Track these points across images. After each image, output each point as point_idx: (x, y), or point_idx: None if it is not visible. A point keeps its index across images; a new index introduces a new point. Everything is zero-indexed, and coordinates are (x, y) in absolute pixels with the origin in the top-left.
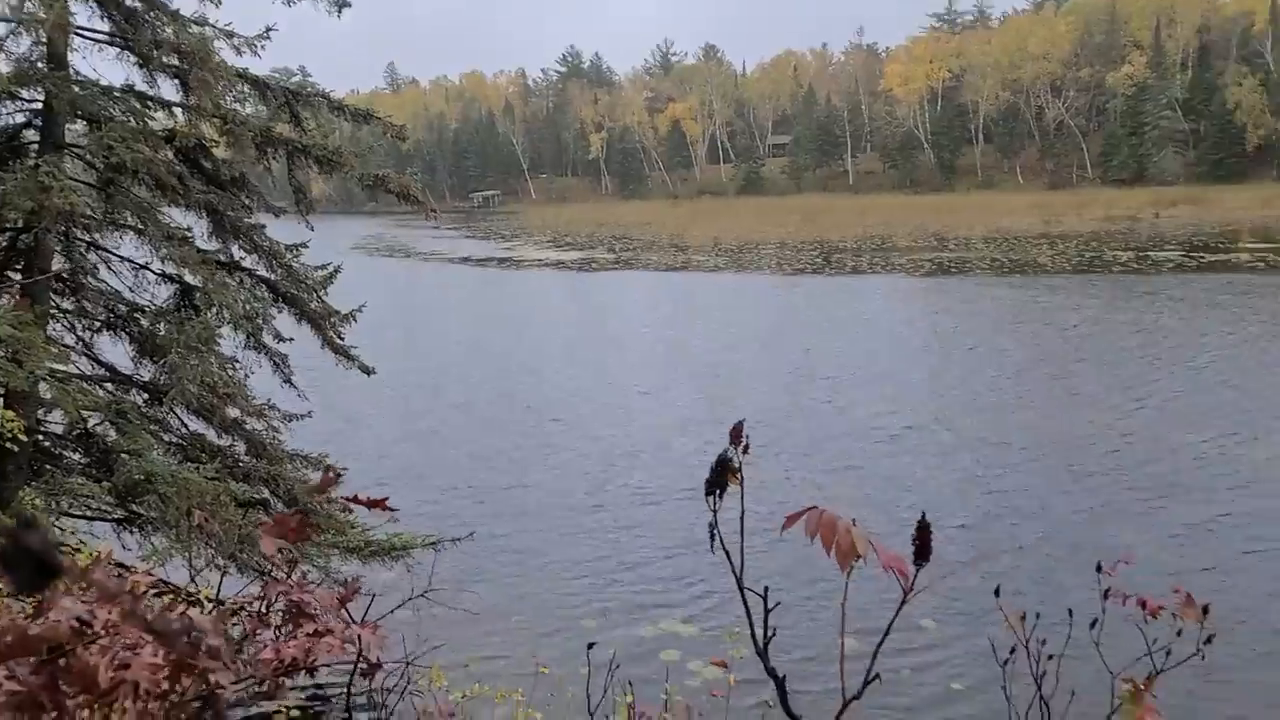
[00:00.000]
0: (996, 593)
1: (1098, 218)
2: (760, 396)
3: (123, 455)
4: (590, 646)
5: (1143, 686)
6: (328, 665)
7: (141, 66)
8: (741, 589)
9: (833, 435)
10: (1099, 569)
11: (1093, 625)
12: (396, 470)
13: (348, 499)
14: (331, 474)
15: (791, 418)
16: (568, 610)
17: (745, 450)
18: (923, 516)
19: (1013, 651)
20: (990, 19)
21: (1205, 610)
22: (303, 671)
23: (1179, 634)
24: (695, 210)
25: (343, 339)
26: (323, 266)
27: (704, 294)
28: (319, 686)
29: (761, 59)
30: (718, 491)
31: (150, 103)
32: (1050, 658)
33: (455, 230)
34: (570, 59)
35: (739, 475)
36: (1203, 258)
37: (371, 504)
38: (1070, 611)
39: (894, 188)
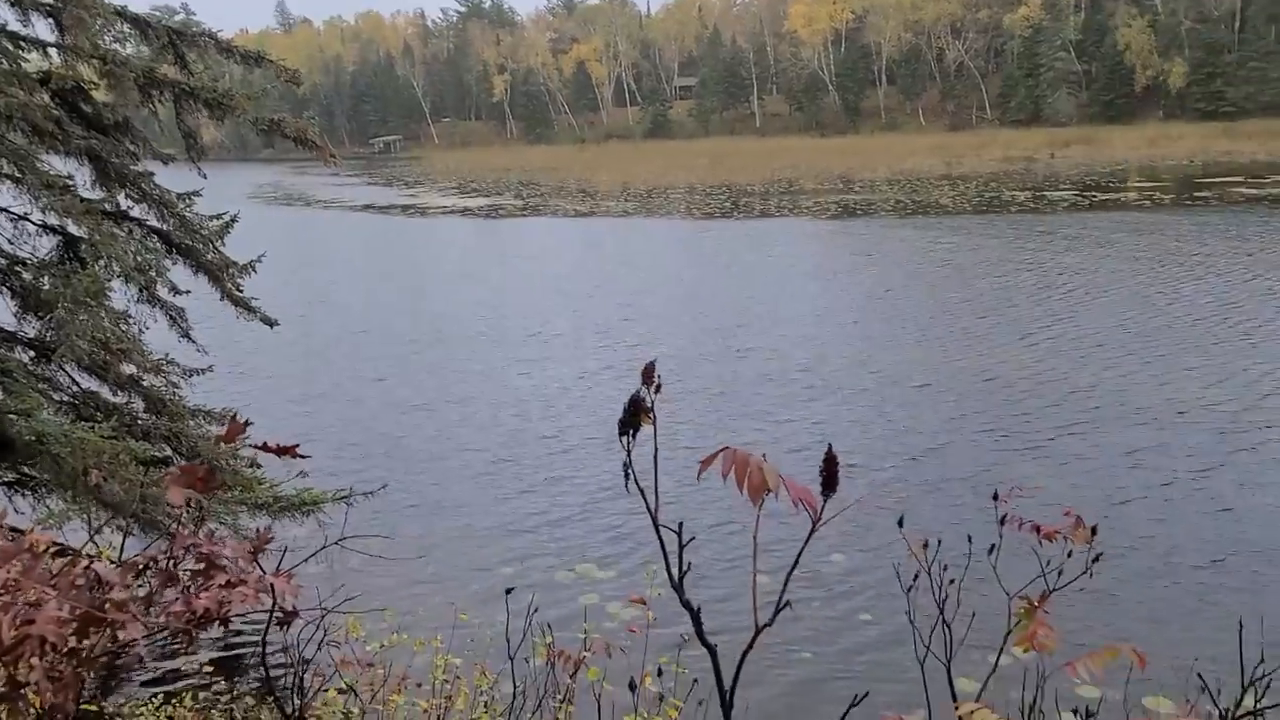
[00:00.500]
0: (900, 523)
1: (996, 158)
2: (673, 341)
3: (10, 416)
4: (508, 592)
5: (1036, 604)
6: (242, 615)
7: (13, 4)
8: (656, 525)
9: (744, 378)
10: (995, 497)
11: (991, 551)
12: (307, 426)
13: (257, 447)
14: (237, 423)
15: (703, 361)
16: (486, 559)
17: (657, 390)
18: (829, 448)
19: (916, 578)
20: None
21: (1093, 531)
22: (216, 623)
23: (1069, 555)
24: (603, 154)
25: (242, 291)
26: (218, 216)
27: (614, 239)
28: (235, 635)
29: None
30: (631, 431)
31: (23, 43)
32: (951, 582)
33: (356, 177)
34: None
35: (652, 415)
36: (1095, 196)
37: (281, 451)
38: (969, 538)
39: (800, 130)
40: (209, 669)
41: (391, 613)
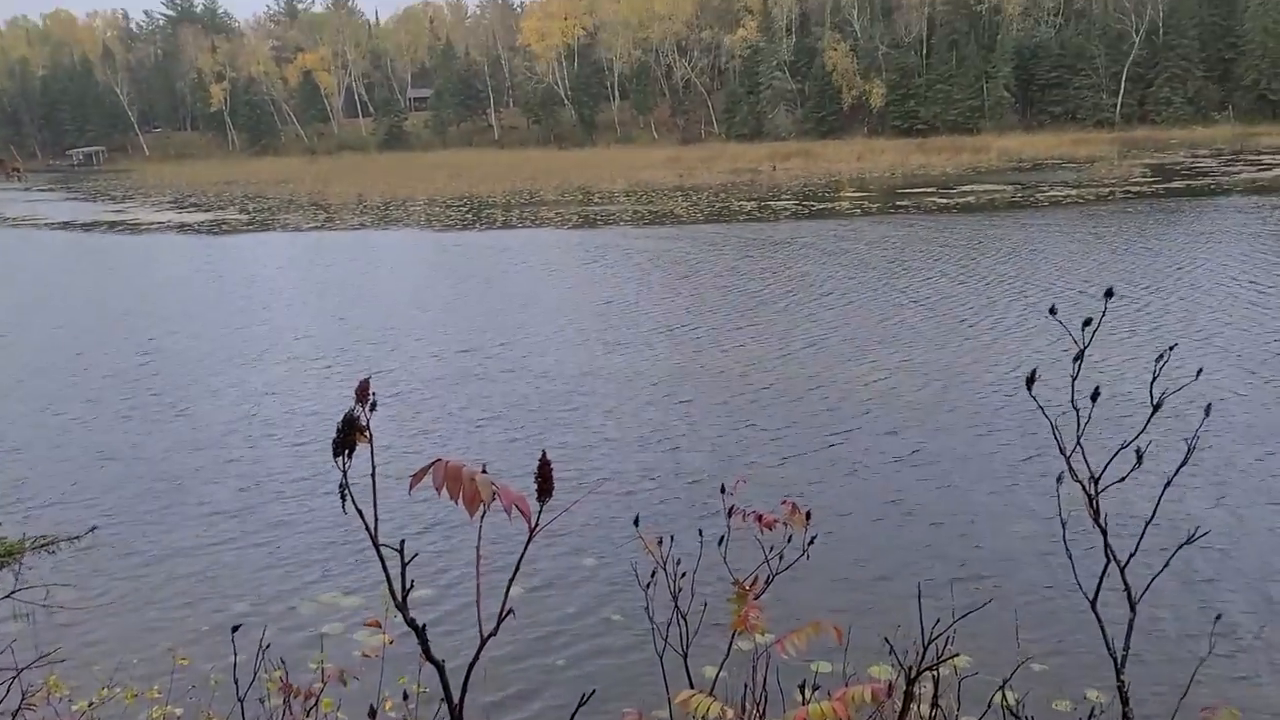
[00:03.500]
0: (636, 522)
1: (725, 170)
2: (411, 356)
3: None
4: (235, 630)
5: (746, 588)
6: None
7: None
8: (376, 545)
9: (490, 387)
10: (723, 490)
11: (720, 542)
12: (6, 475)
13: None
14: None
15: (443, 374)
16: (212, 598)
17: (373, 408)
18: (543, 455)
19: (654, 574)
20: None
21: (808, 516)
22: None
23: (789, 540)
24: (336, 166)
25: None
26: None
27: (349, 253)
28: None
29: (396, 9)
30: (346, 451)
31: None
32: (683, 575)
33: (52, 191)
34: (179, 1)
35: (368, 433)
36: (813, 205)
37: None
38: (700, 531)
39: (539, 142)
40: None
41: (102, 666)
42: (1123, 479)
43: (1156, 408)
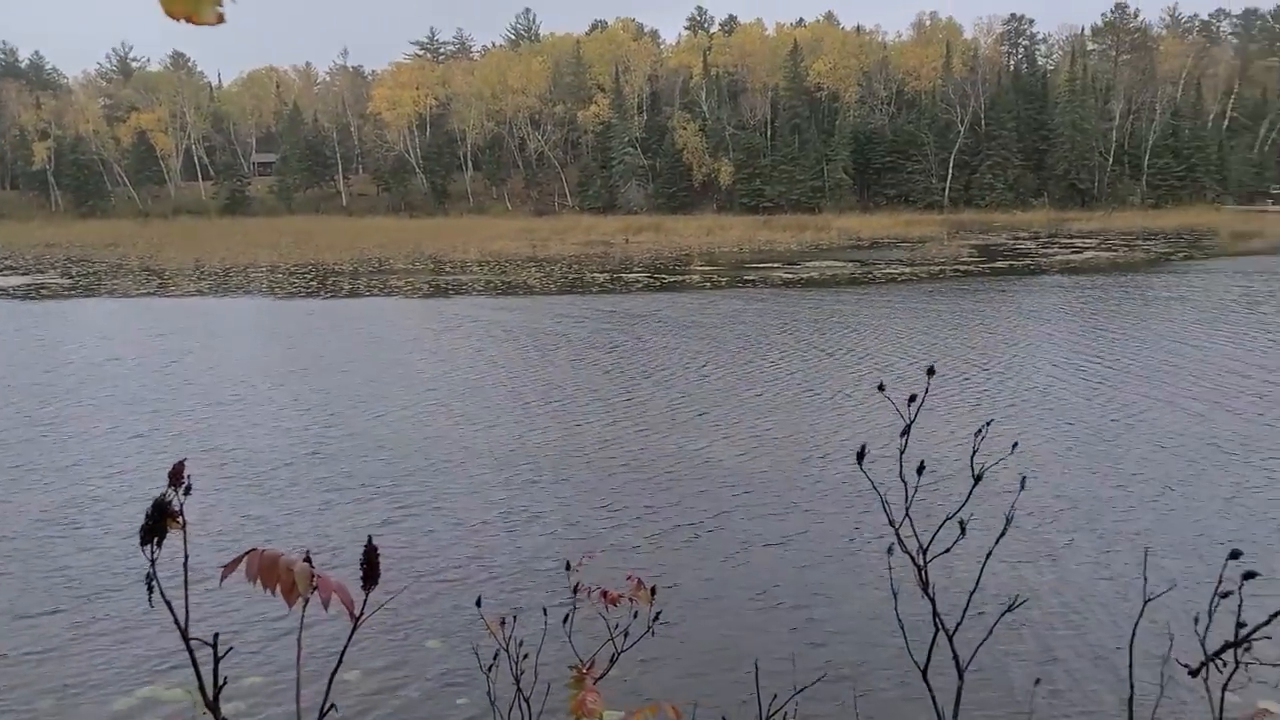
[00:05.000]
0: (478, 603)
1: (579, 242)
2: (249, 432)
3: None
4: None
5: (584, 670)
6: None
7: None
8: (186, 640)
9: (332, 467)
10: (568, 567)
11: (565, 620)
12: None
13: None
14: None
15: (286, 452)
16: (20, 697)
17: (187, 492)
18: (369, 541)
19: (496, 656)
20: (472, 51)
21: (653, 591)
22: None
23: (635, 616)
24: (171, 230)
25: None
26: None
27: (184, 321)
28: None
29: (239, 72)
30: (155, 539)
31: None
32: (525, 656)
33: None
34: (3, 55)
35: (181, 519)
36: (665, 278)
37: None
38: (545, 610)
39: (389, 210)
40: None
41: None
42: (948, 550)
43: (977, 480)
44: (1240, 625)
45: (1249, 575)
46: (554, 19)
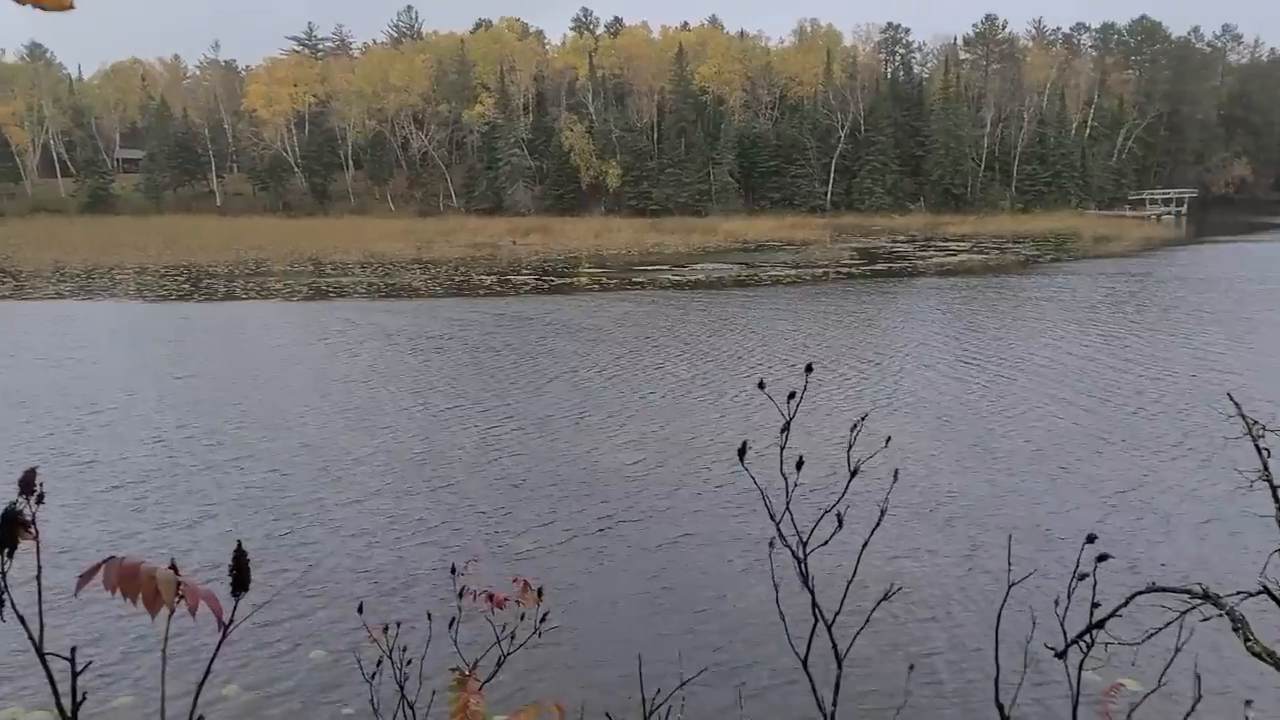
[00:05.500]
0: (360, 610)
1: (465, 244)
2: (119, 442)
3: None
4: None
5: (467, 673)
6: None
7: None
8: (41, 655)
9: (207, 478)
10: (454, 571)
11: (451, 624)
12: None
13: None
14: None
15: (158, 463)
16: None
17: (39, 500)
18: (238, 546)
19: (379, 664)
20: (351, 48)
21: (540, 593)
22: None
23: (522, 618)
24: (28, 229)
25: None
26: None
27: (43, 326)
28: None
29: (102, 63)
30: (5, 550)
31: None
32: (409, 663)
33: None
34: None
35: (34, 529)
36: (553, 280)
37: None
38: (429, 615)
39: (266, 210)
40: None
41: None
42: (826, 543)
43: (853, 474)
44: (1095, 605)
45: (1102, 558)
46: (437, 17)
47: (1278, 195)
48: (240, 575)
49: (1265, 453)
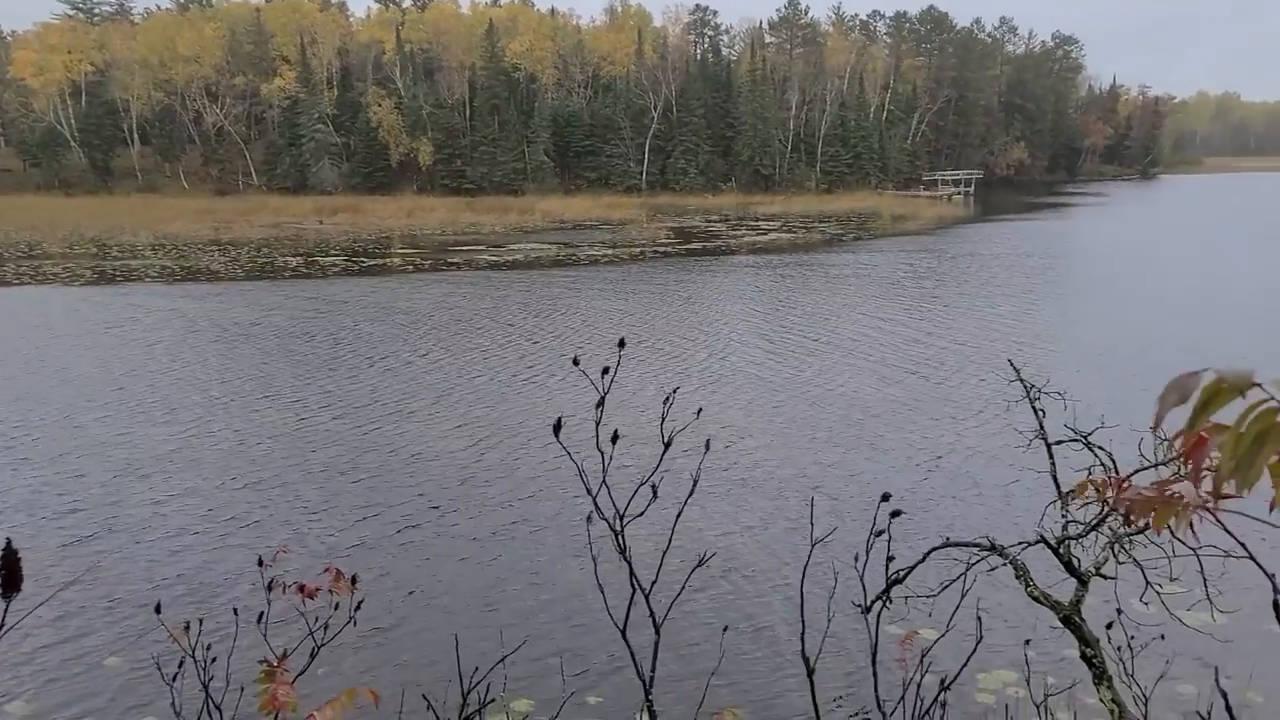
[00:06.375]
0: (158, 609)
1: (267, 224)
2: None
3: None
4: None
5: (275, 664)
6: None
7: None
8: None
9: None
10: (260, 563)
11: (259, 619)
12: None
13: None
14: None
15: None
16: None
17: None
18: (8, 543)
19: (181, 664)
20: (132, 13)
21: (354, 581)
22: None
23: (336, 607)
24: None
25: None
26: None
27: None
28: None
29: None
30: None
31: None
32: (214, 660)
33: None
34: None
35: None
36: (364, 262)
37: None
38: (235, 610)
39: (40, 188)
40: None
41: None
42: (642, 513)
43: (667, 445)
44: (890, 559)
45: (895, 514)
46: None
47: (1051, 177)
48: (10, 576)
49: (1041, 413)
